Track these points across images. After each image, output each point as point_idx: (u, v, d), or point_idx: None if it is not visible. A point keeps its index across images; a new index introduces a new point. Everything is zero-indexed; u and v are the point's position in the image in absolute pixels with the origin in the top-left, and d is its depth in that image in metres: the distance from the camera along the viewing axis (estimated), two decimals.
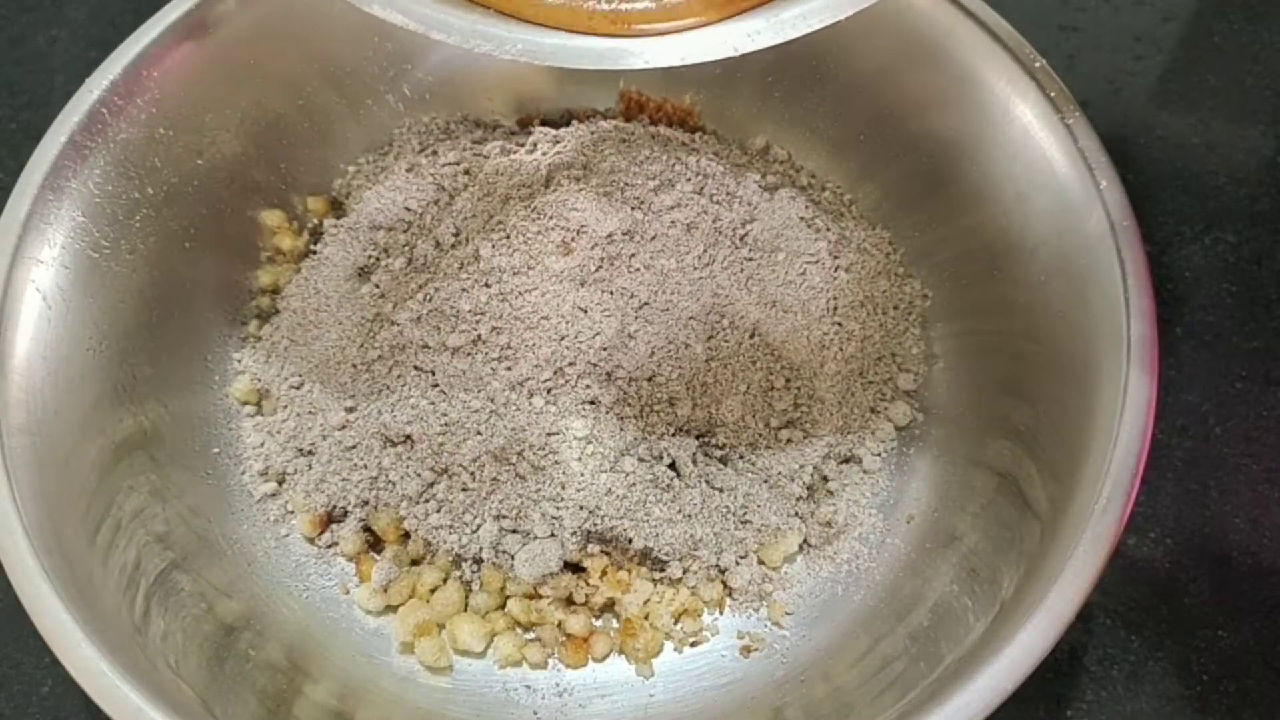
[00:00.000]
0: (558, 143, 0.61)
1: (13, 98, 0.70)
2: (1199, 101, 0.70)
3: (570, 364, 0.54)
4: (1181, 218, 0.65)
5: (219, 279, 0.59)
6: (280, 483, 0.55)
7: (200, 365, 0.57)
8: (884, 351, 0.58)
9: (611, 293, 0.55)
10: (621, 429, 0.54)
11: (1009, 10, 0.53)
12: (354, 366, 0.56)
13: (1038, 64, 0.52)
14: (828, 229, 0.60)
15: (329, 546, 0.55)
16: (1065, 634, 0.40)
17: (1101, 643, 0.53)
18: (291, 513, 0.55)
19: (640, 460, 0.53)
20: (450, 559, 0.53)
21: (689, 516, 0.53)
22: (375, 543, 0.55)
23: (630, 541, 0.52)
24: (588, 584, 0.52)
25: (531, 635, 0.52)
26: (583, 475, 0.52)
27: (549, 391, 0.54)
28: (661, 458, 0.54)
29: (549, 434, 0.53)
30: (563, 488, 0.52)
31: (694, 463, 0.54)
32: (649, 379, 0.55)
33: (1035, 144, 0.52)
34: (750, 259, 0.58)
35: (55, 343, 0.48)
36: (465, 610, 0.52)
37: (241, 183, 0.59)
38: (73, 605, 0.41)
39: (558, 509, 0.52)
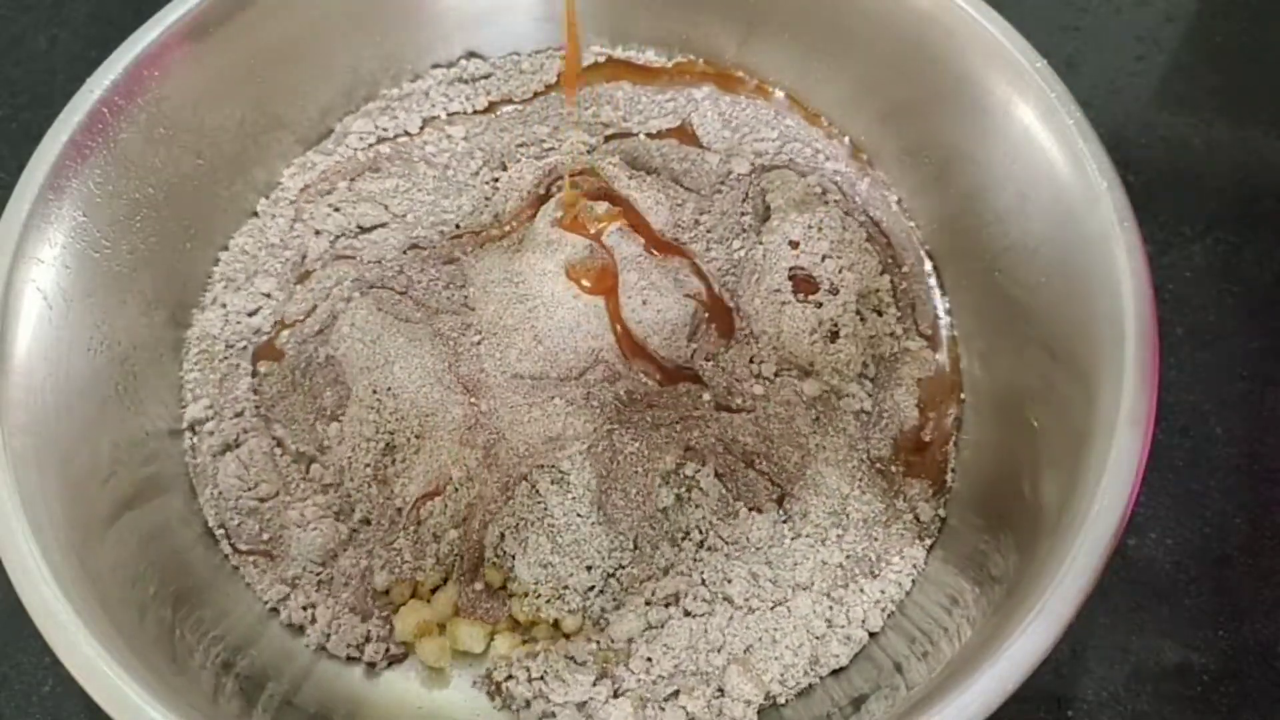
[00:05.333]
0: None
1: (13, 97, 0.70)
2: (1200, 102, 0.70)
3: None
4: (1182, 218, 0.65)
5: None
6: None
7: None
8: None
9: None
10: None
11: (1010, 10, 0.53)
12: None
13: (1039, 64, 0.52)
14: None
15: None
16: (1065, 634, 0.40)
17: (1101, 643, 0.53)
18: None
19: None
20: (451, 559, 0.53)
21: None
22: None
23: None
24: None
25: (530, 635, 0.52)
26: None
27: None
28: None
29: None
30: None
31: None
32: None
33: (1036, 144, 0.51)
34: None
35: (56, 343, 0.47)
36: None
37: (243, 183, 0.59)
38: (74, 606, 0.41)
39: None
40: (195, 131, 0.55)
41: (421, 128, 0.63)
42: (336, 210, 0.60)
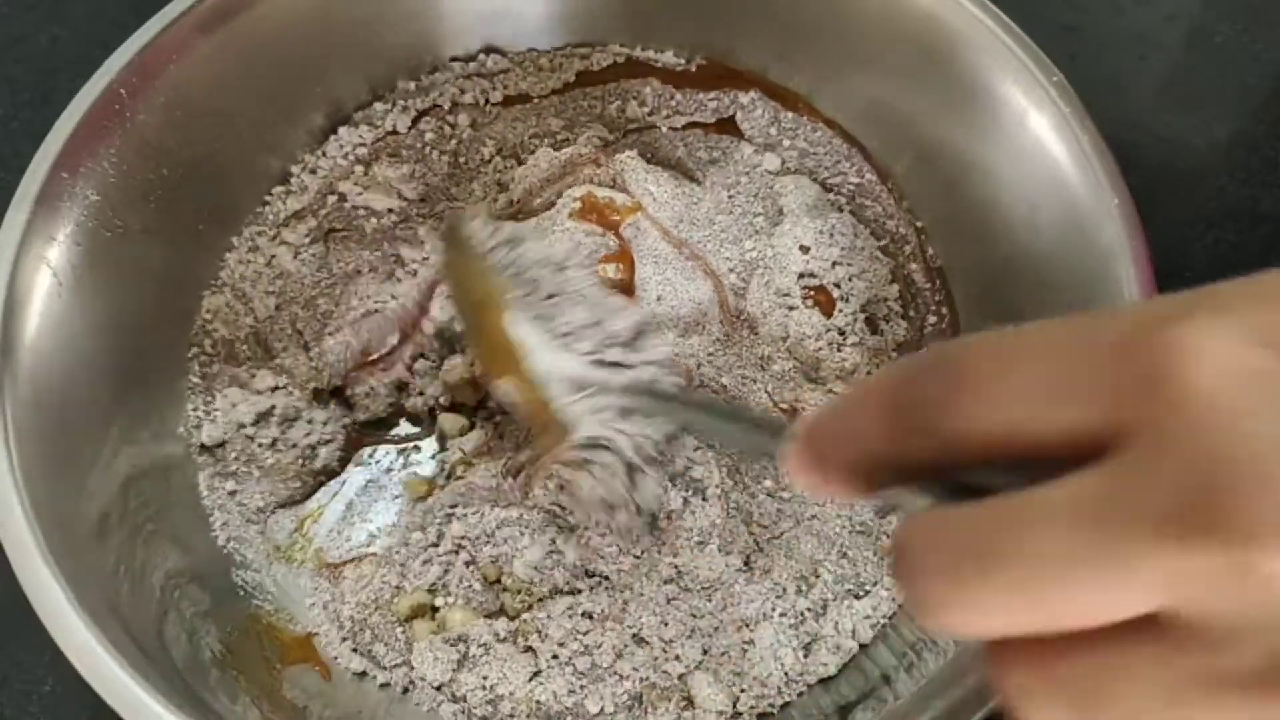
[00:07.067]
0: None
1: (14, 95, 0.69)
2: (1201, 102, 0.70)
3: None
4: (1183, 218, 0.66)
5: None
6: None
7: None
8: None
9: None
10: None
11: (1010, 10, 0.54)
12: None
13: (1054, 78, 0.52)
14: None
15: None
16: None
17: None
18: None
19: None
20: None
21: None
22: None
23: None
24: None
25: None
26: None
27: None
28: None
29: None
30: None
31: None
32: None
33: (1049, 156, 0.52)
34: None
35: (65, 319, 0.47)
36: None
37: (258, 167, 0.59)
38: (72, 587, 0.40)
39: None
40: (213, 116, 0.55)
41: (420, 117, 0.63)
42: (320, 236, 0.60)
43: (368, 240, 0.59)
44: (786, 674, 0.49)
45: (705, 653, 0.49)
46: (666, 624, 0.49)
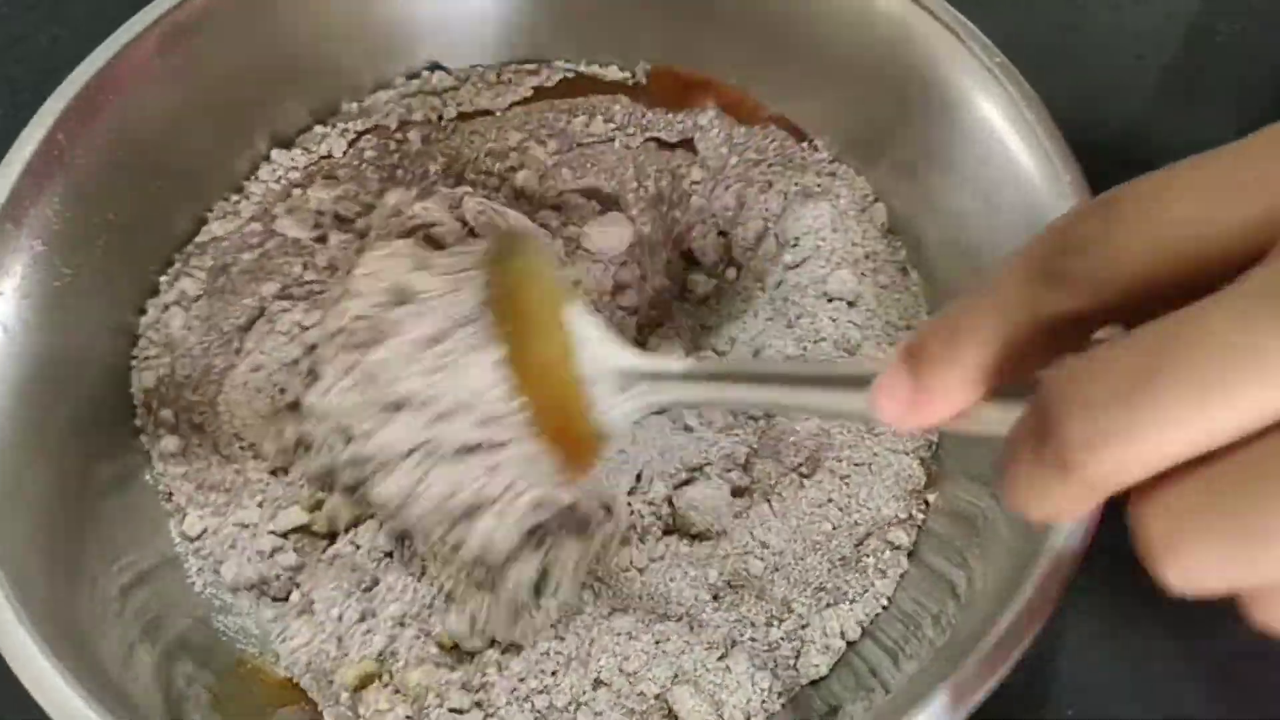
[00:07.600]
0: None
1: (14, 95, 0.71)
2: (1200, 101, 0.68)
3: None
4: None
5: None
6: None
7: None
8: None
9: None
10: None
11: (1009, 8, 0.52)
12: None
13: (997, 60, 0.51)
14: None
15: None
16: (1065, 633, 0.39)
17: (1102, 642, 0.53)
18: None
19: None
20: None
21: None
22: None
23: None
24: None
25: None
26: None
27: None
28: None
29: None
30: None
31: None
32: None
33: (999, 142, 0.51)
34: None
35: (16, 372, 0.47)
36: None
37: (204, 203, 0.58)
38: (44, 636, 0.41)
39: None
40: (156, 155, 0.54)
41: (359, 137, 0.62)
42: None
43: (235, 286, 0.56)
44: (768, 690, 0.48)
45: (679, 670, 0.47)
46: (629, 658, 0.48)
